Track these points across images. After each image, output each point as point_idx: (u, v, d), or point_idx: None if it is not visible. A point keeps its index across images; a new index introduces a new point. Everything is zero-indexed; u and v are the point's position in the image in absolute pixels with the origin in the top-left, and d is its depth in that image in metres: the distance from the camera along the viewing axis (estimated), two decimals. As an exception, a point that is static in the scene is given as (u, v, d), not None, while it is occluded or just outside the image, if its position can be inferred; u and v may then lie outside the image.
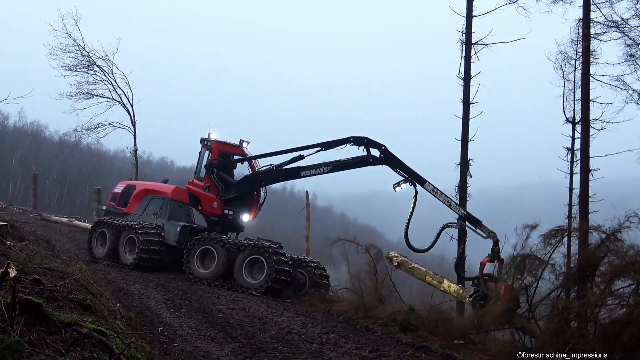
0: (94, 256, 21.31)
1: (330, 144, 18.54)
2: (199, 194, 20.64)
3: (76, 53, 32.11)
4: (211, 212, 20.65)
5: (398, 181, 17.81)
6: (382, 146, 18.03)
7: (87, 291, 10.18)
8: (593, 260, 13.32)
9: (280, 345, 11.84)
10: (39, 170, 64.98)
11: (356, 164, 18.39)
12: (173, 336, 11.44)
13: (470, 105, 21.07)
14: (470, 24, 21.33)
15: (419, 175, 17.69)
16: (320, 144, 18.69)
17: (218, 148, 20.83)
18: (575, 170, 23.57)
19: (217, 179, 20.34)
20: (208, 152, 20.89)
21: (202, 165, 20.97)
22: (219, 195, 20.32)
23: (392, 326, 14.81)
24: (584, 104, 19.97)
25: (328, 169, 18.77)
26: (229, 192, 20.30)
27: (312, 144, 18.84)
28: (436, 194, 17.36)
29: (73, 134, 38.50)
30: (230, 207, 20.54)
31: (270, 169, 19.93)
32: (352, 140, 18.21)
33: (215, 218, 20.76)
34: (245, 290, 18.02)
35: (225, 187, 20.36)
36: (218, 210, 20.46)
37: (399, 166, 17.91)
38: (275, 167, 19.66)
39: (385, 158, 17.96)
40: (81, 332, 6.72)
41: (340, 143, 18.39)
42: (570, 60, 25.13)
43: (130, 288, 16.34)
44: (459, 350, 13.61)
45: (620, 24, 20.93)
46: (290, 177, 20.23)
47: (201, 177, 20.89)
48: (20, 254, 12.12)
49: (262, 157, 20.39)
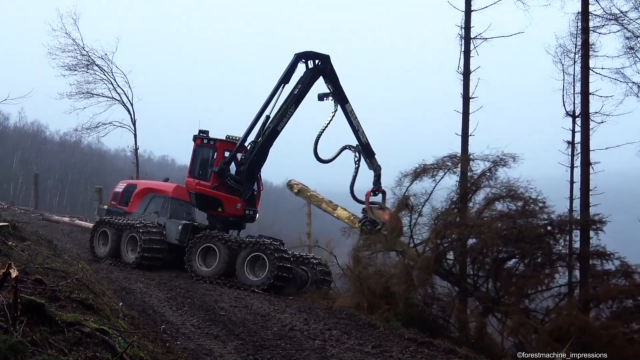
0: (95, 255, 21.32)
1: (286, 74, 19.74)
2: (221, 196, 20.26)
3: (75, 52, 32.07)
4: (234, 213, 20.55)
5: (326, 93, 19.98)
6: (326, 56, 19.86)
7: (89, 290, 10.22)
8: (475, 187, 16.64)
9: (283, 342, 11.87)
10: (40, 170, 65.02)
11: (307, 83, 19.78)
12: (176, 334, 11.47)
13: (470, 100, 21.07)
14: (469, 18, 21.27)
15: (345, 95, 19.86)
16: (278, 82, 19.75)
17: (223, 147, 20.67)
18: (575, 164, 23.54)
19: (234, 181, 20.18)
20: (212, 151, 20.67)
21: (200, 164, 20.79)
22: (242, 195, 20.26)
23: (394, 322, 14.81)
24: (584, 97, 19.96)
25: (293, 106, 19.82)
26: (247, 190, 20.30)
27: (272, 91, 19.82)
28: (352, 117, 19.80)
29: (73, 134, 38.64)
30: (248, 206, 20.63)
31: (253, 146, 20.02)
32: (299, 56, 19.69)
33: (236, 219, 20.81)
34: (247, 288, 18.04)
35: (242, 186, 20.27)
36: (241, 210, 20.46)
37: (332, 79, 19.78)
38: (255, 141, 19.94)
39: (323, 68, 19.68)
40: (84, 332, 6.74)
41: (292, 66, 19.71)
42: (569, 53, 25.07)
43: (132, 287, 16.37)
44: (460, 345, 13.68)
45: (619, 17, 20.88)
46: (273, 140, 20.20)
47: (200, 176, 20.63)
48: (22, 254, 12.16)
49: (242, 142, 20.33)
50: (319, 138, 20.21)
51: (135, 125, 33.18)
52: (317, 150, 20.15)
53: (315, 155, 20.25)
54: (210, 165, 20.58)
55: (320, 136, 20.22)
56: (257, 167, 20.48)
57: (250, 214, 20.83)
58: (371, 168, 19.76)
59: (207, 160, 20.78)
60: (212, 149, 20.71)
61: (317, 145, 20.14)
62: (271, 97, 19.80)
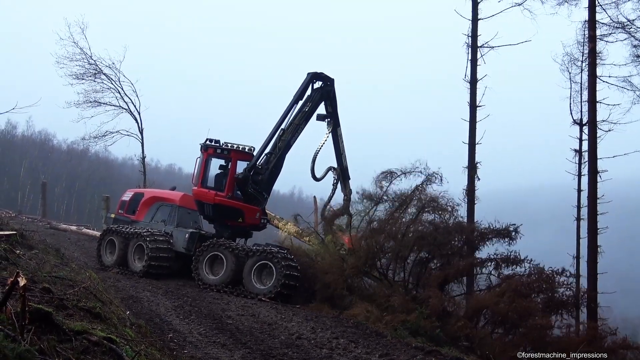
0: (103, 264, 21.32)
1: (302, 92, 20.63)
2: (242, 206, 20.25)
3: (83, 62, 32.17)
4: (253, 223, 20.66)
5: (325, 114, 21.24)
6: (332, 79, 21.13)
7: (97, 299, 10.22)
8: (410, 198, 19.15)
9: (290, 351, 11.85)
10: (48, 178, 65.13)
11: (316, 102, 20.92)
12: (183, 343, 11.46)
13: (477, 108, 21.08)
14: (476, 27, 21.35)
15: (338, 118, 21.36)
16: (294, 98, 20.57)
17: (237, 157, 20.58)
18: (583, 172, 23.55)
19: (254, 189, 20.16)
20: (225, 161, 20.60)
21: (214, 174, 20.80)
22: (260, 204, 20.38)
23: (401, 330, 14.78)
24: (591, 105, 19.98)
25: (304, 122, 20.71)
26: (265, 199, 20.52)
27: (287, 106, 20.56)
28: (340, 140, 21.43)
29: (81, 142, 38.40)
30: (264, 215, 20.83)
31: (269, 158, 20.27)
32: (313, 76, 20.87)
33: (253, 228, 21.05)
34: (254, 296, 18.02)
35: (260, 195, 20.32)
36: (258, 220, 20.64)
37: (332, 102, 21.16)
38: (271, 152, 20.28)
39: (328, 90, 21.02)
40: (91, 340, 6.74)
41: (307, 85, 20.83)
42: (576, 61, 25.17)
43: (139, 295, 16.36)
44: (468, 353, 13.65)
45: (626, 25, 20.93)
46: (287, 152, 20.69)
47: (214, 186, 20.53)
48: (29, 262, 12.19)
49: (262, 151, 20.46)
50: (315, 158, 21.61)
51: (143, 133, 33.28)
52: (314, 170, 21.63)
53: (312, 174, 21.77)
54: (224, 175, 20.52)
55: (317, 157, 21.61)
56: (275, 176, 20.74)
57: (263, 222, 21.06)
58: (343, 191, 21.69)
59: (221, 171, 20.73)
60: (225, 159, 20.63)
61: (314, 164, 21.55)
62: (287, 112, 20.39)
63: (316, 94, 20.73)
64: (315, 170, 21.66)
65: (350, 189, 21.57)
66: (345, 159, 21.50)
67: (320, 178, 21.82)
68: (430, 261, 19.06)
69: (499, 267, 18.09)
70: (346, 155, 21.54)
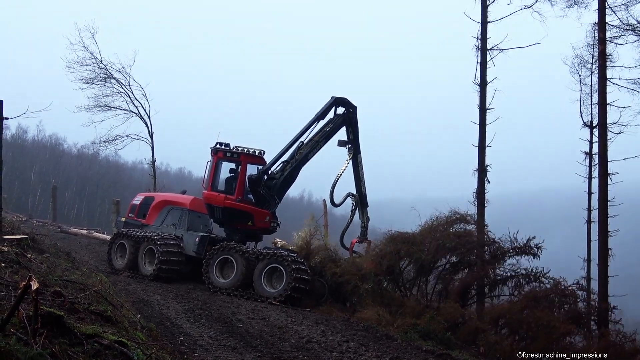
0: (113, 268, 21.38)
1: (323, 113, 20.68)
2: (252, 210, 20.26)
3: (93, 66, 32.23)
4: (263, 226, 20.65)
5: (345, 140, 21.13)
6: (355, 106, 21.00)
7: (108, 303, 10.26)
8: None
9: (301, 354, 11.85)
10: (58, 182, 65.54)
11: (338, 125, 20.86)
12: (193, 346, 11.47)
13: (486, 111, 21.04)
14: (485, 29, 21.31)
15: (359, 146, 21.19)
16: (315, 117, 20.62)
17: (247, 161, 20.66)
18: (593, 175, 23.50)
19: (267, 190, 20.23)
20: (235, 165, 20.72)
21: (224, 178, 20.85)
22: (270, 207, 20.37)
23: (412, 333, 14.76)
24: (601, 107, 19.93)
25: (323, 141, 20.68)
26: (277, 203, 20.52)
27: (307, 124, 20.62)
28: (360, 167, 21.28)
29: (91, 147, 38.38)
30: (272, 218, 20.78)
31: (284, 167, 20.32)
32: (336, 101, 20.82)
33: (263, 232, 21.07)
34: (264, 300, 18.02)
35: (271, 199, 20.34)
36: (268, 223, 20.59)
37: (354, 129, 21.05)
38: (287, 161, 20.34)
39: (351, 117, 20.92)
40: (102, 344, 6.77)
41: (329, 108, 20.74)
42: (586, 64, 25.13)
43: (150, 299, 16.40)
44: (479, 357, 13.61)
45: (636, 27, 20.87)
46: (303, 164, 20.69)
47: (224, 189, 20.59)
48: (41, 266, 12.25)
49: (278, 158, 20.54)
50: (335, 185, 21.25)
51: (153, 137, 33.27)
52: (332, 195, 21.44)
53: (330, 200, 21.72)
54: (234, 178, 20.60)
55: (336, 183, 21.25)
56: (288, 185, 20.85)
57: (274, 225, 20.98)
58: (361, 218, 21.71)
59: (231, 174, 20.81)
60: (236, 162, 20.72)
61: (333, 190, 21.28)
62: (307, 128, 20.54)
63: (338, 118, 20.80)
64: (334, 196, 21.54)
65: (368, 216, 21.59)
66: (364, 186, 21.45)
67: (339, 204, 21.89)
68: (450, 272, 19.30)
69: (519, 286, 18.19)
70: (365, 182, 21.50)
